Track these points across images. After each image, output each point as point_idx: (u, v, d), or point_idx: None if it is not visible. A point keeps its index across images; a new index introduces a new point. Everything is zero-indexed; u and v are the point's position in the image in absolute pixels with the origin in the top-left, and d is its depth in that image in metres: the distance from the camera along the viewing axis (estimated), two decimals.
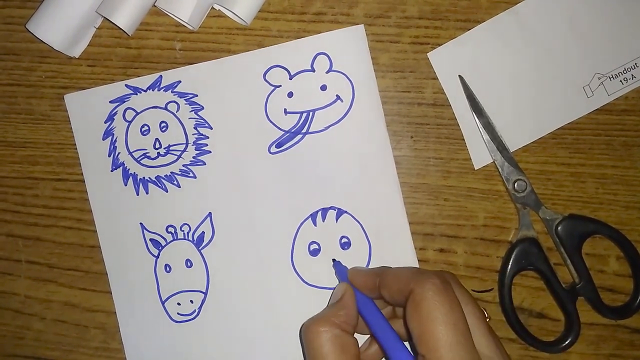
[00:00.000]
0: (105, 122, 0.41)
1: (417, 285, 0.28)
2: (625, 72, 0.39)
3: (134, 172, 0.41)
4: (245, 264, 0.40)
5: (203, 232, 0.40)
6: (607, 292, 0.39)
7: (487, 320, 0.33)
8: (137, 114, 0.41)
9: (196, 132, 0.41)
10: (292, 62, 0.40)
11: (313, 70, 0.40)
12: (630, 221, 0.40)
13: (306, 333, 0.31)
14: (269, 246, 0.40)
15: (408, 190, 0.40)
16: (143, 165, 0.41)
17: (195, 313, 0.40)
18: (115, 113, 0.41)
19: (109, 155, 0.41)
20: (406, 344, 0.30)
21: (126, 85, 0.41)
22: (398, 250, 0.39)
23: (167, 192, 0.41)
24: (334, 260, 0.39)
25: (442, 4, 0.40)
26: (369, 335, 0.36)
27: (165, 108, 0.41)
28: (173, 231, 0.41)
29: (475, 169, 0.40)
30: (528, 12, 0.40)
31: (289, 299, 0.40)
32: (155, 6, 0.40)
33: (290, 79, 0.40)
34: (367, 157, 0.40)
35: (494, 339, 0.29)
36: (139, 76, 0.41)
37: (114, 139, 0.41)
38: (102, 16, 0.40)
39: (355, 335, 0.33)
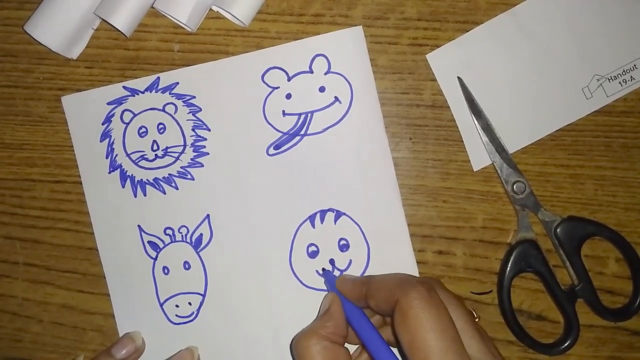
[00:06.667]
0: (102, 124, 0.41)
1: (402, 295, 0.28)
2: (624, 73, 0.39)
3: (132, 174, 0.41)
4: (243, 266, 0.40)
5: (201, 234, 0.40)
6: (607, 294, 0.39)
7: (477, 320, 0.33)
8: (135, 115, 0.41)
9: (194, 133, 0.41)
10: (290, 64, 0.40)
11: (311, 72, 0.40)
12: (629, 223, 0.40)
13: (296, 347, 0.31)
14: (267, 248, 0.40)
15: (407, 192, 0.40)
16: (141, 167, 0.41)
17: (194, 315, 0.40)
18: (113, 115, 0.41)
19: (107, 157, 0.41)
20: (395, 350, 0.30)
21: (124, 86, 0.41)
22: (397, 252, 0.39)
23: (164, 194, 0.41)
24: (323, 269, 0.39)
25: (440, 6, 0.40)
26: (358, 345, 0.36)
27: (163, 110, 0.41)
28: (171, 233, 0.41)
29: (474, 170, 0.40)
30: (527, 13, 0.40)
31: (287, 301, 0.40)
32: (153, 8, 0.40)
33: (289, 80, 0.40)
34: (366, 159, 0.40)
35: (484, 341, 0.29)
36: (136, 78, 0.41)
37: (111, 141, 0.41)
38: (100, 18, 0.39)
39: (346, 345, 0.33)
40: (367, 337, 0.31)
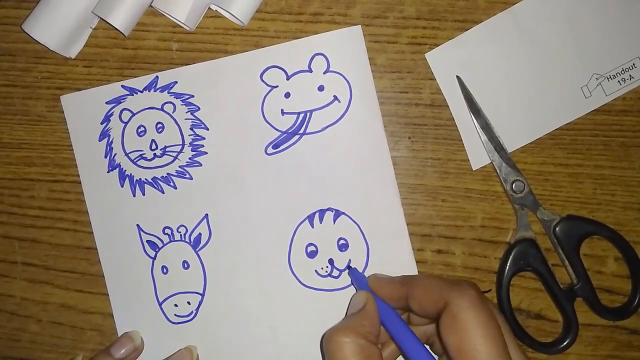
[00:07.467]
0: (101, 123, 0.41)
1: (453, 297, 0.27)
2: (623, 72, 0.39)
3: (130, 174, 0.41)
4: (242, 265, 0.40)
5: (200, 234, 0.40)
6: (605, 293, 0.39)
7: None
8: (134, 114, 0.41)
9: (192, 133, 0.41)
10: (289, 63, 0.40)
11: (310, 71, 0.40)
12: (628, 222, 0.40)
13: (329, 343, 0.30)
14: (266, 248, 0.40)
15: (406, 191, 0.40)
16: (139, 166, 0.41)
17: (193, 314, 0.40)
18: (112, 114, 0.41)
19: (105, 157, 0.41)
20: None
21: (122, 86, 0.41)
22: (396, 252, 0.39)
23: (163, 193, 0.41)
24: (349, 267, 0.39)
25: (439, 5, 0.40)
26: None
27: (162, 109, 0.41)
28: (170, 233, 0.40)
29: (473, 169, 0.40)
30: (526, 12, 0.40)
31: (286, 301, 0.40)
32: (151, 6, 0.40)
33: (288, 79, 0.40)
34: (365, 158, 0.40)
35: (522, 351, 0.29)
36: (135, 77, 0.41)
37: (110, 140, 0.41)
38: (99, 17, 0.39)
39: None
40: (403, 337, 0.31)
